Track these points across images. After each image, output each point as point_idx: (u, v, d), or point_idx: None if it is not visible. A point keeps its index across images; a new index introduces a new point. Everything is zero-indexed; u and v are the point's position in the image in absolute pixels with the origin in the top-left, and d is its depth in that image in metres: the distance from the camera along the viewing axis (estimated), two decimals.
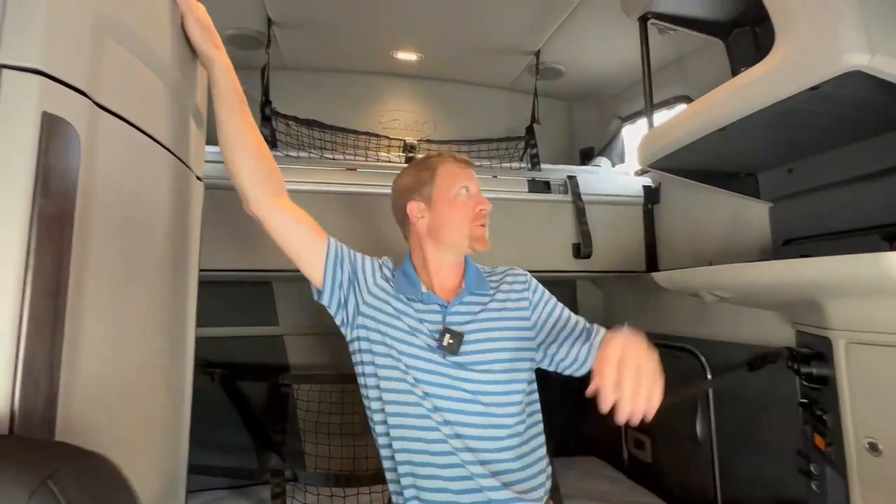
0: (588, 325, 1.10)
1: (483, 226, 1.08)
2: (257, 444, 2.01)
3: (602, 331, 1.05)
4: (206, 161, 1.18)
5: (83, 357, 0.63)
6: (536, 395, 1.11)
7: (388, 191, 1.93)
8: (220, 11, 1.85)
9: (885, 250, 1.26)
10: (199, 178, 1.09)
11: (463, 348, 1.01)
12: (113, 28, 0.71)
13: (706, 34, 1.64)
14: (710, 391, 1.92)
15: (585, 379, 0.90)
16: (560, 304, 1.14)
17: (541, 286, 1.16)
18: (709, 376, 1.96)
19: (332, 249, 1.06)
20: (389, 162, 2.10)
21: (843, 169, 1.37)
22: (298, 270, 1.48)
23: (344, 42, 2.23)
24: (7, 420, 0.52)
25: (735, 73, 1.59)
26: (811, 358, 1.24)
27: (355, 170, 1.95)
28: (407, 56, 2.34)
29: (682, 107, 2.18)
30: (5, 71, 0.57)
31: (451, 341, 0.99)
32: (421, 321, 1.04)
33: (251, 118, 1.00)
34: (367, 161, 2.05)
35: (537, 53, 2.24)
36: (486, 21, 1.99)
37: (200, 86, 1.06)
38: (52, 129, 0.59)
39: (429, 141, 2.32)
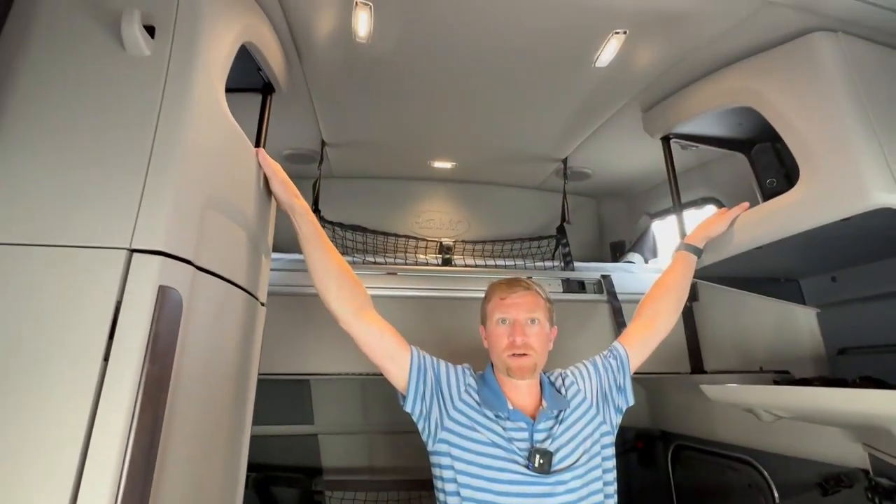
0: (610, 349, 1.27)
1: (516, 355, 1.10)
2: None
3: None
4: None
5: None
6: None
7: (427, 294, 2.07)
8: (281, 135, 2.14)
9: None
10: (262, 303, 1.19)
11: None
12: (216, 202, 0.84)
13: (728, 149, 1.74)
14: None
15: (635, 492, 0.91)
16: (594, 362, 1.25)
17: (575, 370, 1.24)
18: (775, 495, 1.78)
19: (415, 362, 1.12)
20: (427, 265, 2.20)
21: (893, 280, 1.35)
22: (337, 374, 1.57)
23: (386, 155, 2.46)
24: None
25: (761, 184, 1.66)
26: (893, 492, 1.14)
27: (395, 274, 2.04)
28: (442, 164, 2.54)
29: (710, 208, 2.24)
30: (135, 254, 0.68)
31: (541, 461, 1.00)
32: (510, 440, 1.05)
33: (331, 245, 1.14)
34: (406, 265, 2.15)
35: (565, 160, 2.39)
36: (517, 135, 2.18)
37: (270, 225, 1.20)
38: (164, 299, 0.69)
39: (464, 241, 2.43)
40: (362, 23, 1.31)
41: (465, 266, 2.28)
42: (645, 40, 1.37)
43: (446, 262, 2.28)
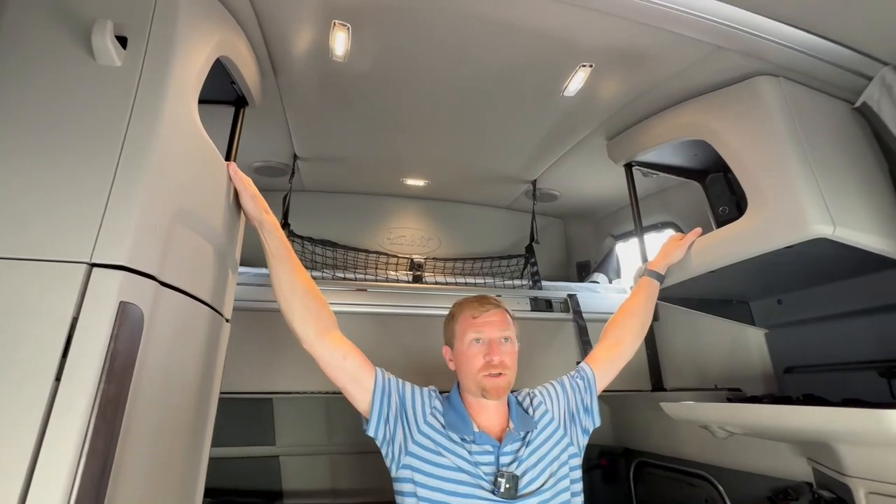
0: (577, 369, 1.28)
1: (493, 375, 1.08)
2: None
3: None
4: None
5: None
6: None
7: (397, 311, 2.06)
8: (252, 147, 2.11)
9: (885, 388, 1.30)
10: (227, 320, 1.15)
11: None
12: (184, 215, 0.82)
13: (684, 178, 1.86)
14: None
15: None
16: (561, 382, 1.25)
17: (543, 390, 1.23)
18: None
19: (379, 384, 1.09)
20: (398, 282, 2.20)
21: (832, 304, 1.47)
22: (302, 392, 1.49)
23: (358, 171, 2.46)
24: None
25: (714, 210, 1.77)
26: (835, 503, 1.21)
27: (366, 290, 2.03)
28: (415, 182, 2.57)
29: (669, 232, 2.36)
30: (95, 269, 0.66)
31: (508, 486, 0.98)
32: (475, 464, 1.03)
33: (298, 262, 1.11)
34: (376, 281, 2.14)
35: (534, 182, 2.47)
36: (489, 156, 2.24)
37: (239, 239, 1.17)
38: (124, 316, 0.66)
39: (434, 259, 2.45)
40: (339, 42, 1.33)
41: (437, 283, 2.29)
42: (609, 74, 1.46)
43: (417, 280, 2.28)
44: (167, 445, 0.82)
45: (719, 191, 1.75)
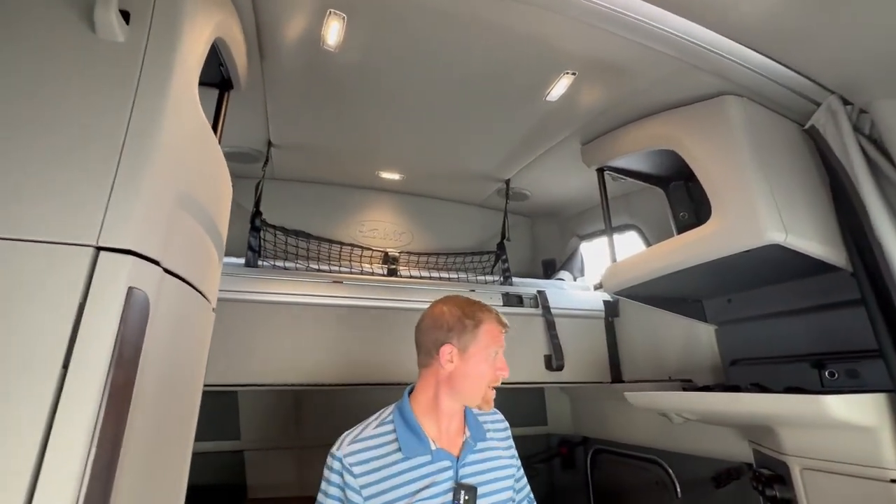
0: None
1: (494, 389, 1.13)
2: None
3: None
4: None
5: None
6: None
7: (373, 304, 2.06)
8: (226, 131, 2.02)
9: (815, 378, 1.48)
10: (213, 309, 1.12)
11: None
12: (183, 199, 0.80)
13: (649, 184, 1.99)
14: None
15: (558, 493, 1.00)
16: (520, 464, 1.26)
17: (510, 437, 1.27)
18: (678, 489, 2.02)
19: None
20: (373, 274, 2.20)
21: (774, 303, 1.64)
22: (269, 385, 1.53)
23: (333, 162, 2.43)
24: None
25: (675, 215, 1.91)
26: (773, 480, 1.36)
27: (341, 282, 2.01)
28: (390, 175, 2.57)
29: (631, 234, 2.51)
30: (102, 253, 0.64)
31: (467, 497, 1.00)
32: (434, 483, 1.03)
33: None
34: (352, 273, 2.13)
35: (508, 181, 2.54)
36: (467, 154, 2.28)
37: (226, 226, 1.14)
38: (132, 302, 0.64)
39: (408, 252, 2.46)
40: (333, 32, 1.31)
41: (411, 277, 2.31)
42: (591, 82, 1.54)
43: (392, 273, 2.29)
44: (162, 437, 0.80)
45: (680, 197, 1.90)
